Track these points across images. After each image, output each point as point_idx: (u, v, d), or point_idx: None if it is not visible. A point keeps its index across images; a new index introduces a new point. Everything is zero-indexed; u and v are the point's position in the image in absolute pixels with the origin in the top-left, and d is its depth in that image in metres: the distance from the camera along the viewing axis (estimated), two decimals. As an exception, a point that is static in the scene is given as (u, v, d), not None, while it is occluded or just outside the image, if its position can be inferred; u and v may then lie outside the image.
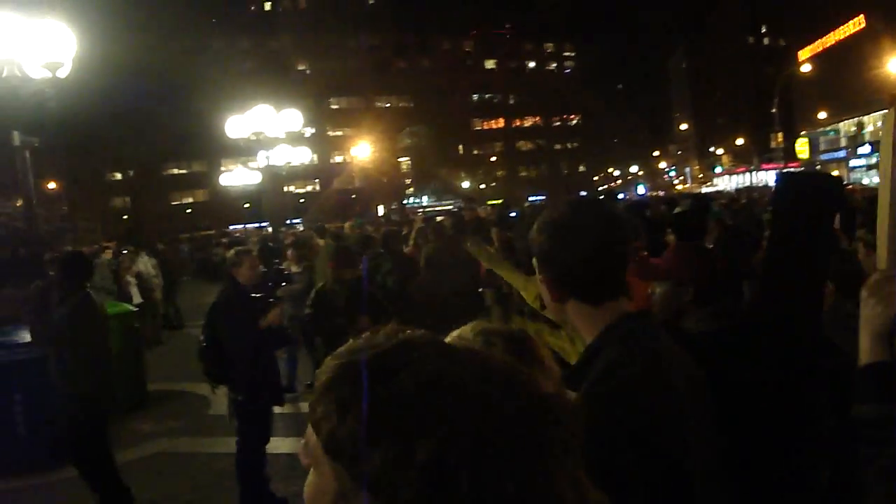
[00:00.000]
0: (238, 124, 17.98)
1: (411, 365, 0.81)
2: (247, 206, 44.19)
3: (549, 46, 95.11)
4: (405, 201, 68.38)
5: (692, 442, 1.45)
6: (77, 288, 5.87)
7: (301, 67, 77.05)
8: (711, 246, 6.14)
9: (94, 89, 29.35)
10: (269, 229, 24.22)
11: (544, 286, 1.68)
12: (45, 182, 39.31)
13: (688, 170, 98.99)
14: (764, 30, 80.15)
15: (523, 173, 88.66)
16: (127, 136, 54.86)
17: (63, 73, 8.41)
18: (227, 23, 70.96)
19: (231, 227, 47.87)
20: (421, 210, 52.18)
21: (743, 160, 73.66)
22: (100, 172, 63.69)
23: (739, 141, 75.00)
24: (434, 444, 0.75)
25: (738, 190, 37.64)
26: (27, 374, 7.79)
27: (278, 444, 6.78)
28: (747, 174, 68.03)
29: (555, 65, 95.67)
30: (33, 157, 8.67)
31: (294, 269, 9.85)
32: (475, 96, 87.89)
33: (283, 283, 9.42)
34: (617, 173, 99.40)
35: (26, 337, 7.98)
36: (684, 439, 1.44)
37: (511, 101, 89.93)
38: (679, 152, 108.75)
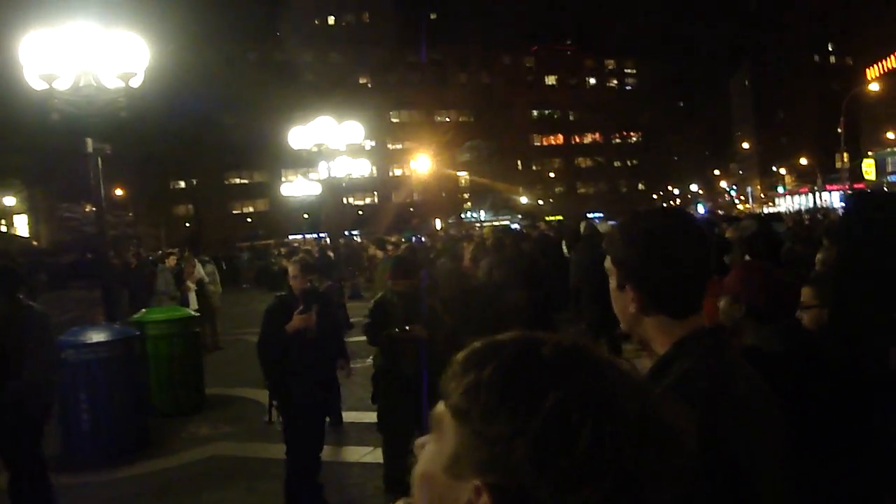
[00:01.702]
0: (300, 135, 18.22)
1: (550, 342, 0.82)
2: (306, 216, 44.79)
3: (611, 63, 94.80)
4: (462, 215, 68.51)
5: (761, 458, 1.46)
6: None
7: (362, 81, 77.88)
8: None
9: (160, 99, 30.13)
10: (328, 240, 24.52)
11: (627, 296, 1.67)
12: (113, 188, 40.34)
13: (749, 189, 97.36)
14: (831, 48, 78.68)
15: (582, 190, 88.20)
16: (191, 146, 56.02)
17: (136, 83, 8.64)
18: (290, 36, 72.11)
19: (290, 237, 48.48)
20: (479, 224, 52.21)
21: (806, 180, 72.18)
22: (164, 180, 65.07)
23: (803, 161, 73.57)
24: (562, 395, 0.75)
25: (802, 211, 36.93)
26: (92, 374, 8.01)
27: (336, 453, 6.83)
28: (810, 195, 66.64)
29: (615, 81, 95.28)
30: (103, 164, 8.90)
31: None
32: (535, 112, 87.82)
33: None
34: (676, 192, 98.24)
35: (93, 337, 8.22)
36: (753, 455, 1.45)
37: (571, 118, 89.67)
38: (740, 171, 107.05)
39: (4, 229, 39.62)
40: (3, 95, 17.25)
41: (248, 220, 72.03)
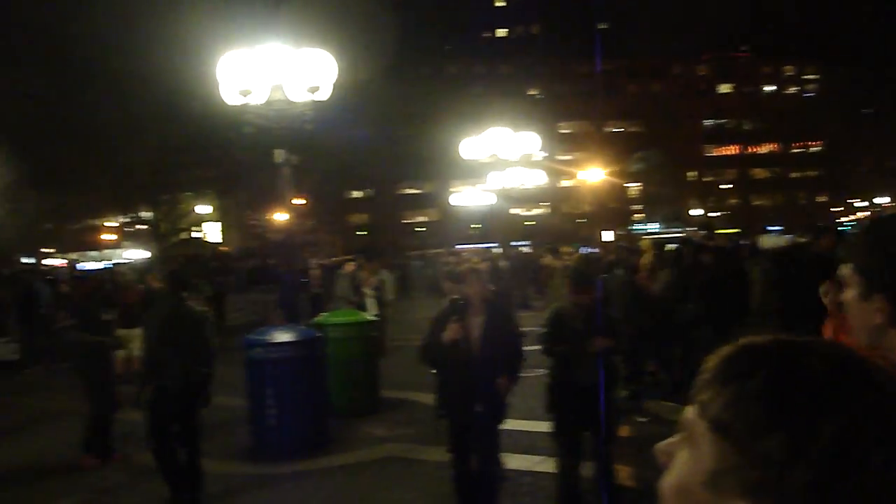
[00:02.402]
0: (473, 146, 18.49)
1: (814, 350, 0.76)
2: (475, 226, 45.33)
3: (789, 69, 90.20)
4: (632, 227, 67.34)
5: None
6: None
7: (532, 92, 78.04)
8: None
9: (341, 112, 31.44)
10: (500, 250, 24.69)
11: (872, 307, 1.57)
12: (295, 197, 42.25)
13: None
14: None
15: (757, 202, 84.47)
16: (368, 157, 57.95)
17: (322, 96, 9.09)
18: (462, 49, 73.34)
19: (458, 247, 49.15)
20: (649, 236, 51.10)
21: None
22: (342, 189, 67.56)
23: None
24: (846, 415, 0.70)
25: None
26: (277, 372, 8.44)
27: (508, 461, 6.86)
28: None
29: (795, 88, 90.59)
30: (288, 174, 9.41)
31: None
32: (708, 121, 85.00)
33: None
34: (863, 204, 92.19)
35: (277, 337, 8.68)
36: None
37: (746, 127, 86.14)
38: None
39: (199, 236, 42.48)
40: (201, 113, 18.53)
41: (422, 228, 73.62)
